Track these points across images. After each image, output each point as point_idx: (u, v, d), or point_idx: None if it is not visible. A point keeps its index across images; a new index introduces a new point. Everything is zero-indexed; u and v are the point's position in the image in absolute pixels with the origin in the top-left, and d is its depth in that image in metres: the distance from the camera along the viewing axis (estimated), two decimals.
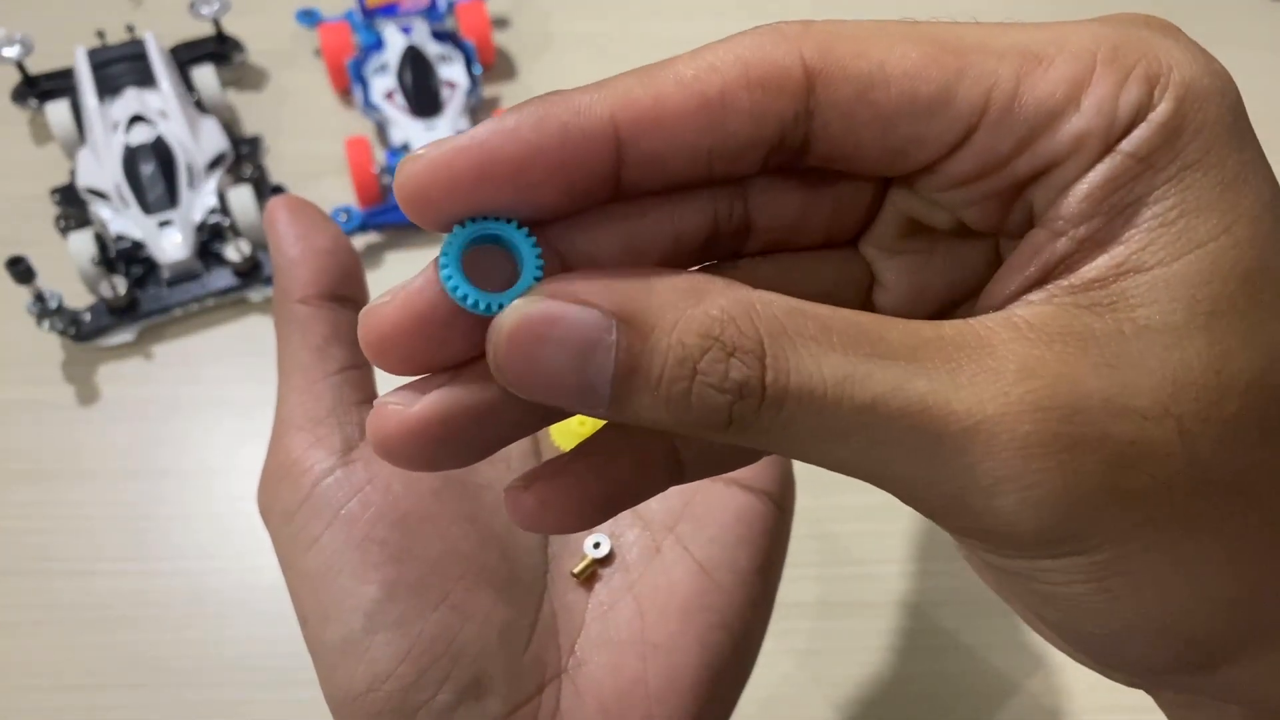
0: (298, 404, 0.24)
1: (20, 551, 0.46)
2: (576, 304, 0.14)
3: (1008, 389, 0.14)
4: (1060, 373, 0.14)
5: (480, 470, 0.25)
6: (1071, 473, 0.14)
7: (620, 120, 0.15)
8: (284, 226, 0.25)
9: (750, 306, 0.15)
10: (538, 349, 0.14)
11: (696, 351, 0.14)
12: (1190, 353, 0.14)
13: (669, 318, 0.14)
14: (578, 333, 0.14)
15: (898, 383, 0.14)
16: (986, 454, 0.14)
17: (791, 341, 0.14)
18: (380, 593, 0.22)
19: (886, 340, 0.15)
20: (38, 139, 0.58)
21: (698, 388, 0.14)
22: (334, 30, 0.59)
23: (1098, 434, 0.14)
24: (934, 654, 0.44)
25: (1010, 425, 0.14)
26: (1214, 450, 0.15)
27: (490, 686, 0.23)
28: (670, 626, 0.24)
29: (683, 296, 0.15)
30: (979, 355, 0.15)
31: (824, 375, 0.14)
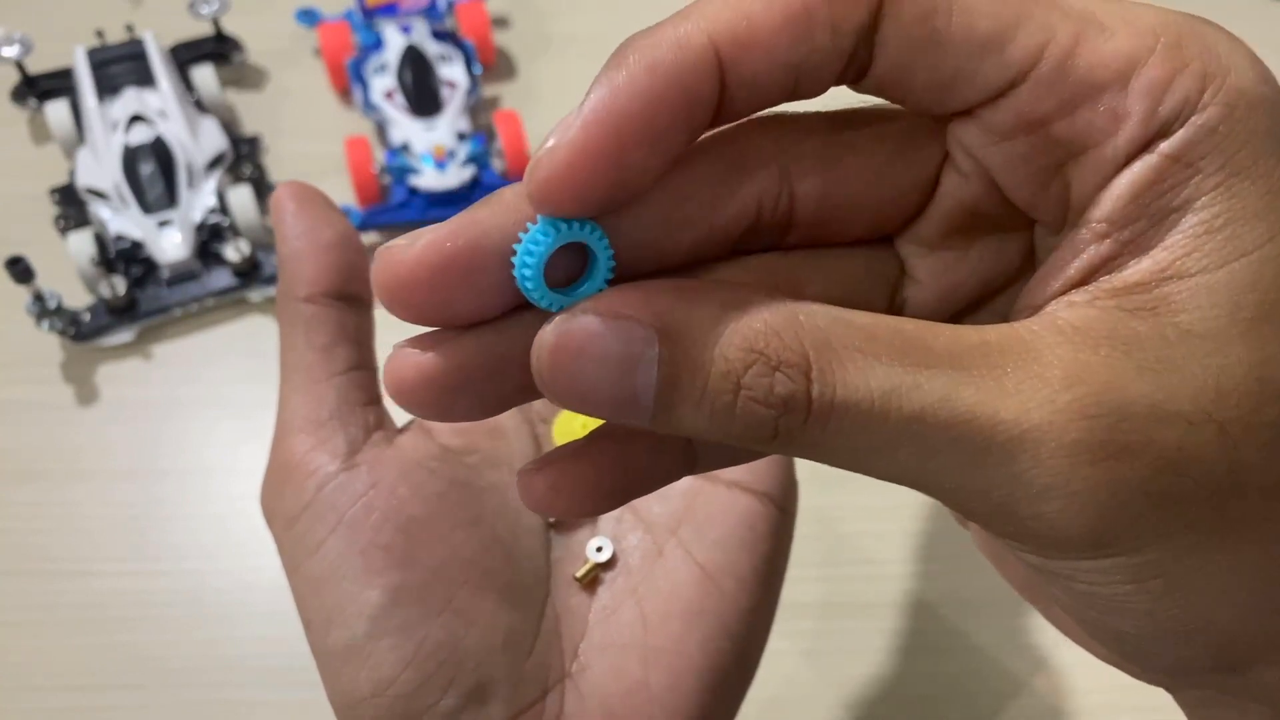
0: (300, 405, 0.24)
1: (20, 552, 0.46)
2: (618, 319, 0.14)
3: (1054, 396, 0.14)
4: (1106, 379, 0.14)
5: (483, 474, 0.25)
6: (1118, 478, 0.14)
7: (720, 44, 0.15)
8: (290, 218, 0.24)
9: (794, 318, 0.15)
10: (579, 364, 0.14)
11: (740, 366, 0.14)
12: (1233, 359, 0.14)
13: (713, 332, 0.14)
14: (619, 349, 0.14)
15: (945, 393, 0.14)
16: (1034, 462, 0.14)
17: (837, 354, 0.14)
18: (384, 598, 0.22)
19: (932, 349, 0.15)
20: (37, 139, 0.58)
21: (742, 402, 0.14)
22: (333, 30, 0.59)
23: (1143, 440, 0.14)
24: (936, 654, 0.44)
25: (1058, 433, 0.14)
26: (1256, 455, 0.15)
27: (494, 691, 0.23)
28: (673, 630, 0.24)
29: (725, 310, 0.15)
30: (1025, 361, 0.14)
31: (870, 388, 0.14)
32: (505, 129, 0.55)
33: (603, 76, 0.16)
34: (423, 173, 0.54)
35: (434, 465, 0.24)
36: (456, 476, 0.24)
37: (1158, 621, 0.16)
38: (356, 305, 0.25)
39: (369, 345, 0.25)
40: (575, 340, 0.14)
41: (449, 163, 0.54)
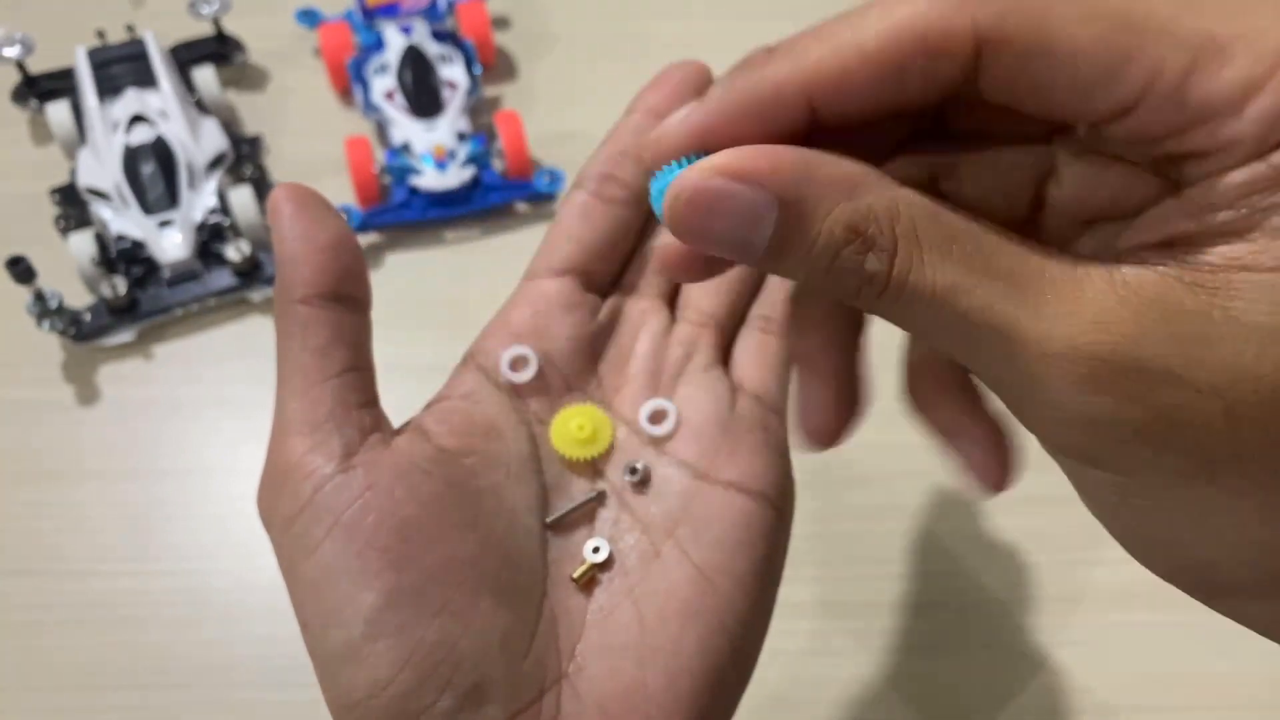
0: (297, 407, 0.24)
1: (20, 551, 0.46)
2: (745, 183, 0.17)
3: (1078, 334, 0.16)
4: (1130, 333, 0.16)
5: (480, 475, 0.25)
6: (1113, 414, 0.16)
7: (812, 92, 0.17)
8: (288, 220, 0.24)
9: (894, 207, 0.17)
10: (709, 216, 0.17)
11: (841, 241, 0.17)
12: (1267, 354, 0.15)
13: (824, 206, 0.17)
14: (744, 207, 0.17)
15: (992, 301, 0.17)
16: (1044, 379, 0.17)
17: (919, 246, 0.17)
18: (381, 600, 0.22)
19: (995, 262, 0.17)
20: (38, 139, 0.58)
21: (837, 268, 0.17)
22: (334, 30, 0.59)
23: (1145, 390, 0.16)
24: (933, 654, 0.44)
25: (1068, 366, 0.16)
26: (1259, 437, 0.16)
27: (491, 693, 0.23)
28: (670, 631, 0.24)
29: (838, 187, 0.17)
30: (1068, 296, 0.16)
31: (936, 281, 0.17)
32: (505, 129, 0.55)
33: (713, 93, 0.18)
34: (423, 173, 0.54)
35: (430, 467, 0.24)
36: (453, 478, 0.24)
37: (1142, 535, 0.18)
38: (353, 307, 0.25)
39: (366, 347, 0.25)
40: (708, 196, 0.17)
41: (449, 163, 0.54)
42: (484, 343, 0.27)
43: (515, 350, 0.26)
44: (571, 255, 0.28)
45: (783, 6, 0.65)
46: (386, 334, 0.27)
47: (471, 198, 0.55)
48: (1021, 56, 0.16)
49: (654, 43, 0.62)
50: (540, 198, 0.56)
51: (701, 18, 0.64)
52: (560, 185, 0.55)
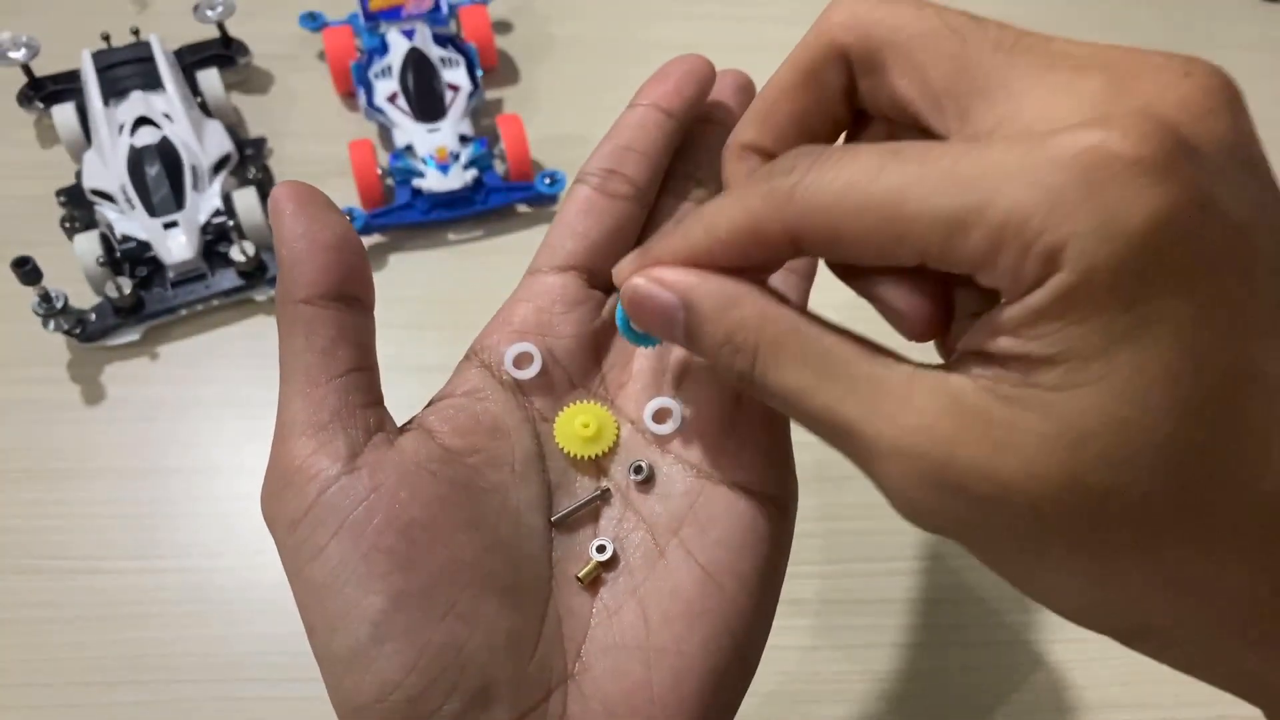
0: (301, 408, 0.23)
1: (27, 549, 0.46)
2: (661, 288, 0.23)
3: (900, 436, 0.20)
4: (945, 437, 0.19)
5: (485, 474, 0.25)
6: (934, 503, 0.20)
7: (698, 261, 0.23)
8: (289, 219, 0.24)
9: (761, 320, 0.22)
10: (641, 309, 0.23)
11: (720, 342, 0.22)
12: (1052, 460, 0.18)
13: (710, 315, 0.22)
14: (661, 306, 0.23)
15: (832, 403, 0.21)
16: (879, 473, 0.21)
17: (776, 355, 0.21)
18: (387, 603, 0.22)
19: (841, 370, 0.21)
20: (44, 141, 0.59)
21: (720, 361, 0.23)
22: (337, 34, 0.59)
23: (959, 485, 0.19)
24: (935, 650, 0.45)
25: (896, 463, 0.20)
26: (1061, 524, 0.19)
27: (497, 694, 0.23)
28: (675, 630, 0.24)
29: (723, 300, 0.22)
30: (898, 404, 0.20)
31: (788, 384, 0.21)
32: (508, 132, 0.55)
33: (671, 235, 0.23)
34: (426, 175, 0.54)
35: (435, 467, 0.24)
36: (458, 478, 0.24)
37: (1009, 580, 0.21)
38: (357, 306, 0.24)
39: (370, 347, 0.25)
40: (637, 296, 0.23)
41: (452, 165, 0.54)
42: (487, 339, 0.27)
43: (520, 347, 0.26)
44: (575, 251, 0.28)
45: (782, 8, 0.65)
46: (389, 334, 0.27)
47: (474, 199, 0.55)
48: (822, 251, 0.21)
49: (655, 46, 0.62)
50: (541, 199, 0.57)
51: (702, 20, 0.65)
52: (561, 187, 0.56)
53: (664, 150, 0.28)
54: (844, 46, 0.22)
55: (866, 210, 0.19)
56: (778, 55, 0.24)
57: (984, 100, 0.20)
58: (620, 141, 0.28)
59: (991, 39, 0.21)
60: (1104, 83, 0.19)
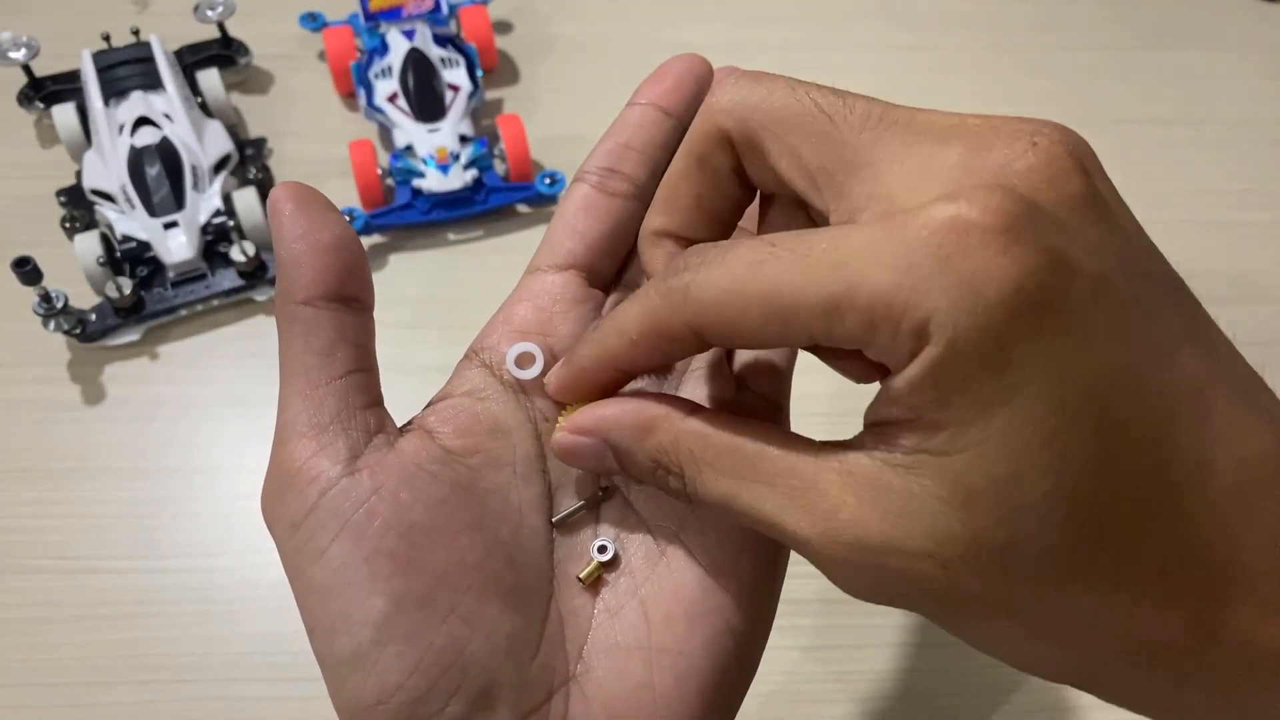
0: (301, 410, 0.23)
1: (27, 549, 0.46)
2: (583, 436, 0.25)
3: (816, 522, 0.21)
4: (855, 516, 0.20)
5: (486, 476, 0.25)
6: (858, 582, 0.21)
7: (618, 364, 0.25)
8: (288, 220, 0.24)
9: (676, 442, 0.23)
10: (572, 455, 0.25)
11: (650, 469, 0.24)
12: (953, 519, 0.19)
13: (634, 447, 0.24)
14: (589, 450, 0.25)
15: (757, 503, 0.22)
16: (811, 558, 0.21)
17: (698, 468, 0.23)
18: (388, 605, 0.22)
19: (758, 467, 0.22)
20: (44, 141, 0.59)
21: (659, 482, 0.24)
22: (337, 34, 0.59)
23: (875, 563, 0.20)
24: (935, 649, 0.45)
25: (818, 547, 0.21)
26: (974, 580, 0.20)
27: (500, 696, 0.23)
28: (676, 631, 0.25)
29: (640, 431, 0.24)
30: (809, 490, 0.21)
31: (715, 490, 0.22)
32: (508, 132, 0.55)
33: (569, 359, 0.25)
34: (426, 175, 0.54)
35: (436, 469, 0.24)
36: (459, 479, 0.24)
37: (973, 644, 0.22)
38: (356, 307, 0.24)
39: (370, 348, 0.25)
40: (566, 443, 0.25)
41: (452, 165, 0.55)
42: (487, 339, 0.27)
43: (522, 347, 0.26)
44: (574, 250, 0.28)
45: (782, 10, 0.65)
46: (389, 334, 0.27)
47: (474, 200, 0.55)
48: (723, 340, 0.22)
49: (655, 46, 0.62)
50: (541, 200, 0.57)
51: (702, 21, 0.65)
52: (561, 187, 0.56)
53: (663, 148, 0.28)
54: (726, 131, 0.23)
55: (751, 304, 0.20)
56: (777, 55, 0.25)
57: (854, 177, 0.21)
58: (619, 140, 0.28)
59: (858, 116, 0.21)
60: (960, 155, 0.20)
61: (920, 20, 0.66)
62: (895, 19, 0.66)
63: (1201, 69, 0.64)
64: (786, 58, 0.62)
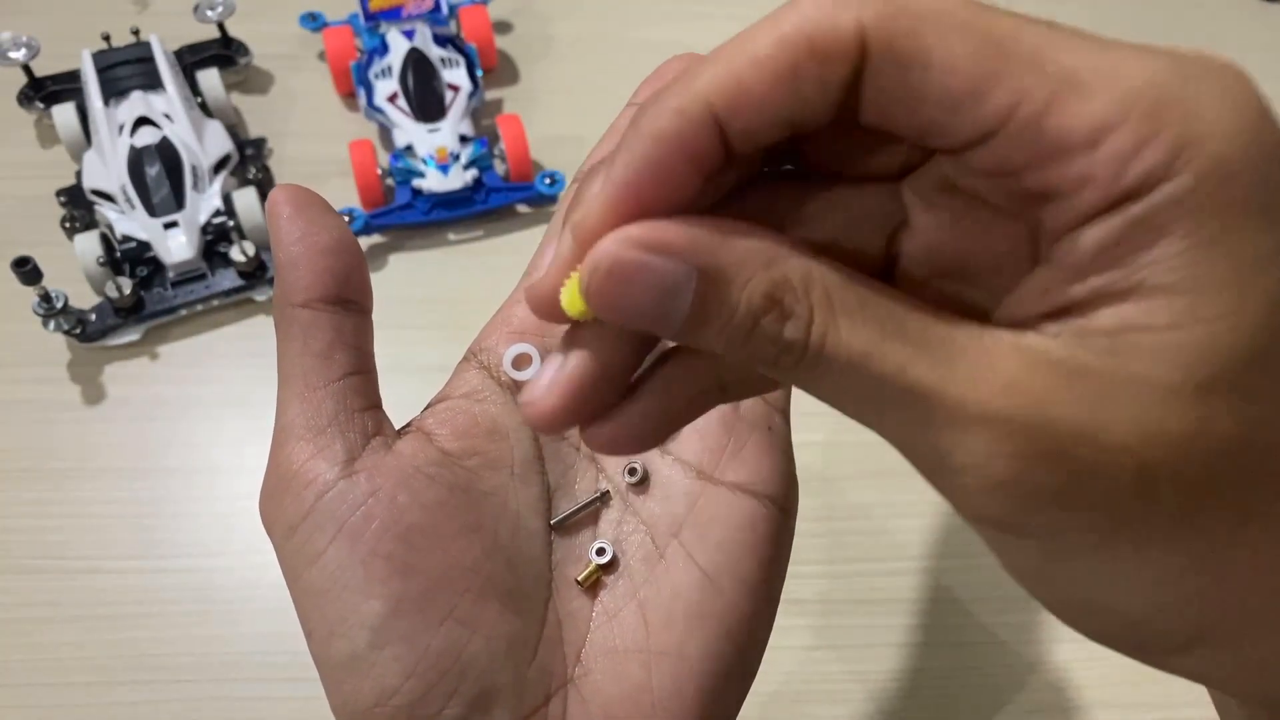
0: (299, 412, 0.23)
1: (27, 549, 0.46)
2: (664, 255, 0.17)
3: (989, 398, 0.16)
4: (1041, 397, 0.16)
5: (484, 478, 0.25)
6: (1026, 478, 0.16)
7: (716, 107, 0.17)
8: (286, 222, 0.24)
9: (808, 275, 0.17)
10: (626, 288, 0.17)
11: (760, 310, 0.17)
12: (1171, 412, 0.16)
13: (741, 276, 0.17)
14: (662, 279, 0.17)
15: (905, 364, 0.17)
16: (959, 444, 0.17)
17: (834, 314, 0.17)
18: (386, 608, 0.22)
19: (907, 327, 0.17)
20: (44, 141, 0.59)
21: (756, 336, 0.17)
22: (337, 34, 0.59)
23: (1058, 452, 0.16)
24: (935, 650, 0.45)
25: (982, 430, 0.16)
26: (1173, 491, 0.16)
27: (498, 699, 0.23)
28: (675, 634, 0.24)
29: (754, 257, 0.17)
30: (978, 363, 0.17)
31: (852, 346, 0.17)
32: (508, 132, 0.55)
33: (622, 145, 0.17)
34: (426, 175, 0.54)
35: (433, 471, 0.24)
36: (456, 482, 0.24)
37: (1069, 599, 0.19)
38: (355, 310, 0.24)
39: (367, 350, 0.25)
40: (627, 268, 0.17)
41: (452, 165, 0.54)
42: (485, 340, 0.27)
43: (519, 348, 0.26)
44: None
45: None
46: (390, 334, 0.27)
47: (474, 200, 0.55)
48: (898, 64, 0.16)
49: (655, 46, 0.62)
50: (541, 199, 0.57)
51: (702, 21, 0.65)
52: (561, 187, 0.56)
53: None
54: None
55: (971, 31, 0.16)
56: None
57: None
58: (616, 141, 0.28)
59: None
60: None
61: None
62: None
63: None
64: None
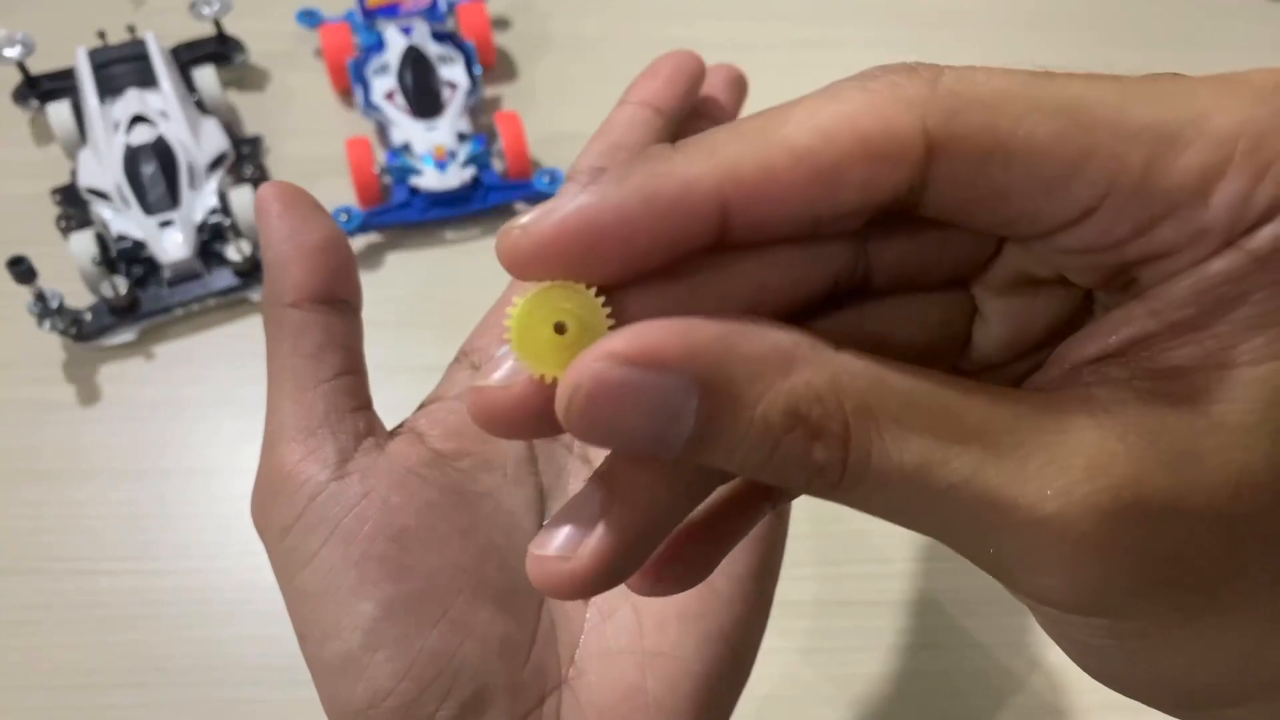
0: (290, 414, 0.23)
1: (22, 551, 0.46)
2: (658, 370, 0.14)
3: (1072, 486, 0.14)
4: (1127, 472, 0.14)
5: (477, 479, 0.25)
6: (1118, 570, 0.15)
7: (729, 194, 0.15)
8: (275, 220, 0.23)
9: (837, 380, 0.14)
10: (614, 413, 0.14)
11: (781, 429, 0.14)
12: (1258, 455, 0.14)
13: (755, 390, 0.14)
14: (657, 400, 0.14)
15: (972, 472, 0.14)
16: (1041, 544, 0.15)
17: (876, 423, 0.14)
18: (379, 610, 0.22)
19: (965, 421, 0.15)
20: (39, 139, 0.58)
21: (776, 460, 0.14)
22: (334, 31, 0.59)
23: (1150, 536, 0.14)
24: (931, 652, 0.44)
25: (1069, 524, 0.14)
26: (1259, 550, 0.15)
27: (492, 700, 0.23)
28: (669, 634, 0.24)
29: (769, 364, 0.14)
30: (1051, 443, 0.15)
31: (904, 461, 0.14)
32: (506, 129, 0.55)
33: (604, 181, 0.15)
34: (423, 173, 0.54)
35: (426, 472, 0.24)
36: (449, 483, 0.24)
37: (1128, 673, 0.17)
38: (345, 309, 0.24)
39: (358, 350, 0.25)
40: (614, 389, 0.14)
41: (450, 163, 0.54)
42: (478, 340, 0.27)
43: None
44: None
45: (783, 9, 0.65)
46: (386, 333, 0.27)
47: (471, 198, 0.55)
48: (977, 161, 0.14)
49: (655, 43, 0.61)
50: (540, 198, 0.56)
51: (702, 19, 0.64)
52: (560, 185, 0.55)
53: None
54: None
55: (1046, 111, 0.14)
56: (776, 52, 0.24)
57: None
58: (610, 139, 0.28)
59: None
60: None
61: (922, 17, 0.66)
62: (899, 15, 0.66)
63: (1204, 69, 0.63)
64: (788, 56, 0.61)
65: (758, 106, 0.16)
